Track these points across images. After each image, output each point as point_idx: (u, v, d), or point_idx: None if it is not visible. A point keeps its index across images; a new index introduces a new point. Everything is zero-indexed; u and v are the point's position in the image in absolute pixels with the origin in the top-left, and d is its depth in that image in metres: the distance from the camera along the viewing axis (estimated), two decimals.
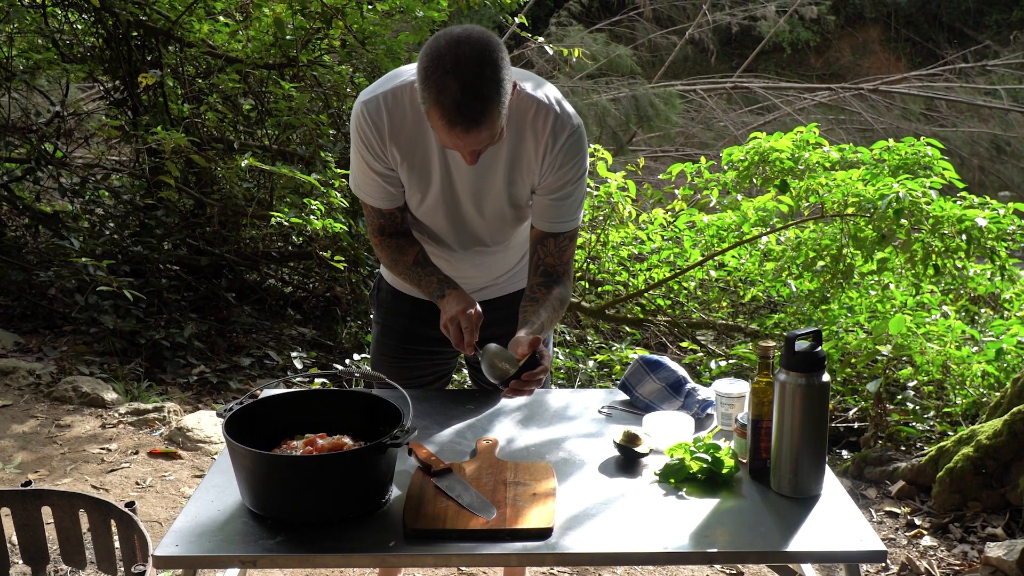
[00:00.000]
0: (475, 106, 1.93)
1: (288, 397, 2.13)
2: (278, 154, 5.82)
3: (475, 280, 2.52)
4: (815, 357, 1.91)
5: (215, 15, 6.15)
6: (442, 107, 1.93)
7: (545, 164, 2.23)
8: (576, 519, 1.88)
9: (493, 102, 1.95)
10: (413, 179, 2.28)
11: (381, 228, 2.39)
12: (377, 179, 2.28)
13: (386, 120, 2.19)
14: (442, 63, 1.92)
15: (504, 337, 2.62)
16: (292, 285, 6.44)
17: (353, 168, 2.32)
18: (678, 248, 5.93)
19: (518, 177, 2.27)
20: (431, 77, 1.94)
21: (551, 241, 2.33)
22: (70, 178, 6.07)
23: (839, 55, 19.21)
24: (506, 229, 2.41)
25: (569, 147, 2.21)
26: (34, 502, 2.67)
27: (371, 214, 2.38)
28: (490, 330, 2.61)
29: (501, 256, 2.50)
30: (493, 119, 1.97)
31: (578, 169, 2.25)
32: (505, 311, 2.59)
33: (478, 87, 1.92)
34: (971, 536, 3.45)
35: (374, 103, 2.20)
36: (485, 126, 1.97)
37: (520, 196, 2.31)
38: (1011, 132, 13.55)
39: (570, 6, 14.80)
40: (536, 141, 2.21)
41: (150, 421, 4.40)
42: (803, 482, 1.96)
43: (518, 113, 2.18)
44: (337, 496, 1.84)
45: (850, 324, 5.17)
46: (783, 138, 5.18)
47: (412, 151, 2.23)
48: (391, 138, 2.21)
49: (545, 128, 2.19)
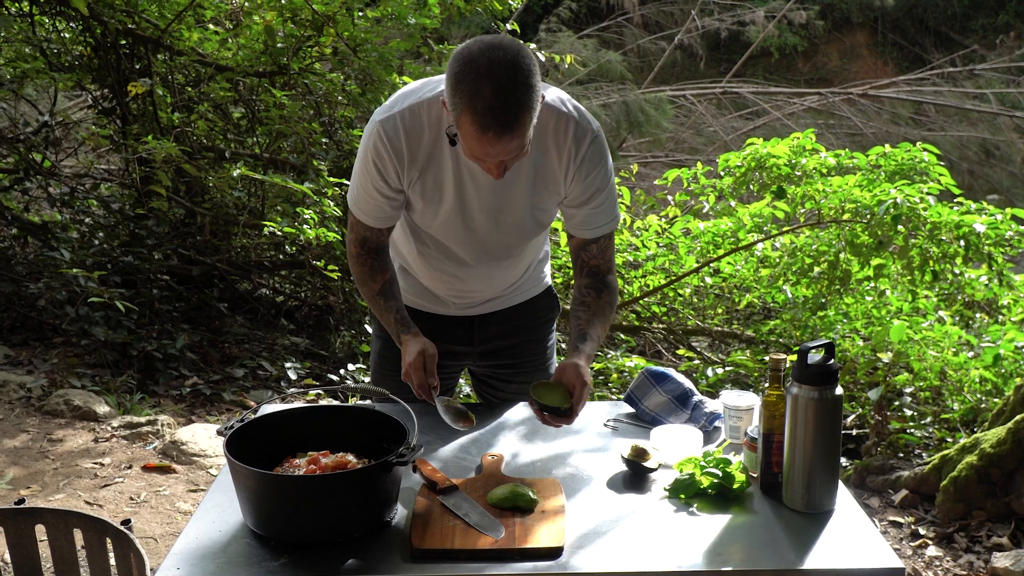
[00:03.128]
0: (509, 111, 1.90)
1: (289, 413, 2.08)
2: (269, 163, 5.77)
3: (482, 292, 2.49)
4: (828, 370, 1.88)
5: (205, 23, 6.10)
6: (474, 111, 1.89)
7: (570, 174, 2.21)
8: (586, 537, 1.84)
9: (526, 108, 1.92)
10: (426, 196, 2.24)
11: (364, 240, 2.36)
12: (380, 200, 2.25)
13: (403, 139, 2.16)
14: (476, 67, 1.89)
15: (511, 348, 2.60)
16: (284, 294, 6.39)
17: (356, 185, 2.28)
18: (673, 255, 5.91)
19: (543, 189, 2.24)
20: (464, 81, 1.90)
21: (592, 246, 2.34)
22: (59, 188, 6.01)
23: (827, 60, 19.28)
24: (523, 243, 2.38)
25: (592, 154, 2.20)
26: (27, 520, 2.62)
27: (358, 227, 2.34)
28: (495, 342, 2.59)
29: (510, 269, 2.47)
30: (524, 126, 1.94)
31: (604, 174, 2.24)
32: (510, 323, 2.57)
33: (512, 91, 1.89)
34: (976, 546, 3.43)
35: (391, 122, 2.16)
36: (517, 133, 1.94)
37: (546, 208, 2.29)
38: (999, 136, 13.60)
39: (559, 12, 14.79)
40: (559, 152, 2.18)
41: (143, 435, 4.34)
42: (816, 497, 1.92)
43: (539, 124, 2.13)
44: (342, 516, 1.80)
45: (847, 331, 5.15)
46: (780, 144, 5.16)
47: (428, 168, 2.20)
48: (409, 157, 2.17)
49: (567, 137, 2.17)
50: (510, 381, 2.67)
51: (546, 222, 2.35)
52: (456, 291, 2.48)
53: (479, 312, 2.55)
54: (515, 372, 2.65)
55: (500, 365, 2.65)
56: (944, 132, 13.38)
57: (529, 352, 2.62)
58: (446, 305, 2.54)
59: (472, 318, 2.56)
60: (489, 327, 2.58)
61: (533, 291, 2.60)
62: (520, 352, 2.61)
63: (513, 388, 2.66)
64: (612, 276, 2.40)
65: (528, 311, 2.60)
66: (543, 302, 2.64)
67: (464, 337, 2.58)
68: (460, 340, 2.57)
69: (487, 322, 2.57)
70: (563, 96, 2.21)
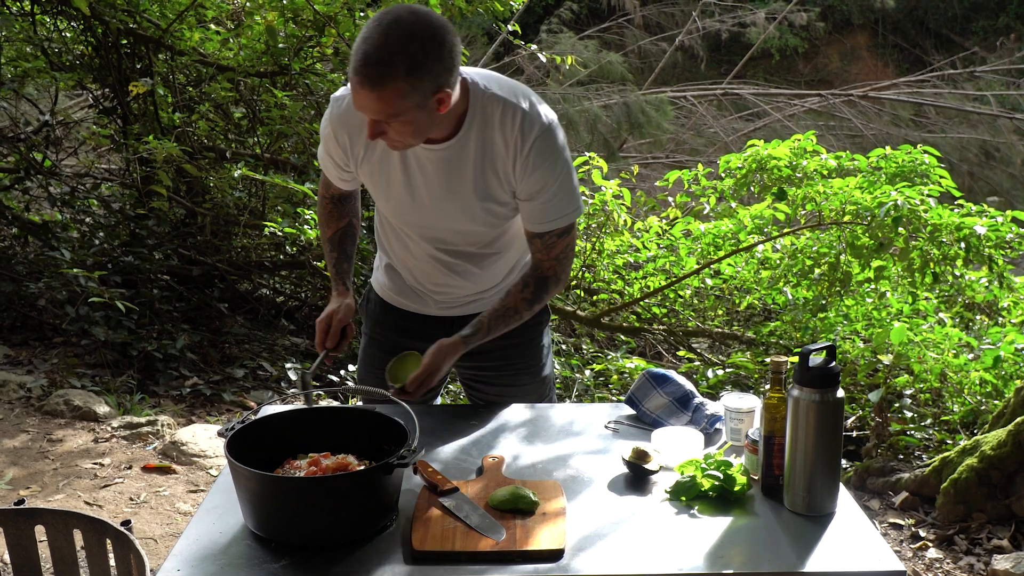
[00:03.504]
0: (380, 66, 1.91)
1: (290, 415, 2.08)
2: (270, 163, 5.77)
3: (459, 289, 2.48)
4: (829, 373, 1.88)
5: (206, 23, 6.10)
6: (355, 51, 1.94)
7: (518, 166, 2.19)
8: (588, 539, 1.84)
9: (399, 75, 1.92)
10: (374, 178, 2.30)
11: (327, 186, 2.50)
12: (332, 167, 2.38)
13: (349, 116, 2.23)
14: (380, 16, 1.94)
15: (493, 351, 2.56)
16: (285, 295, 6.39)
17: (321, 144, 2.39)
18: (674, 256, 5.90)
19: (493, 180, 2.22)
20: (366, 25, 1.95)
21: (538, 240, 2.31)
22: (59, 187, 6.00)
23: (827, 61, 19.28)
24: (478, 231, 2.35)
25: (540, 147, 2.16)
26: (27, 520, 2.62)
27: (326, 178, 2.47)
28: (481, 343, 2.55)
29: (494, 266, 2.45)
30: (392, 93, 1.94)
31: (553, 170, 2.19)
32: None
33: (393, 52, 1.91)
34: (977, 548, 3.43)
35: (345, 101, 2.24)
36: (382, 94, 1.94)
37: (497, 199, 2.26)
38: (999, 138, 13.59)
39: (560, 13, 14.78)
40: (505, 142, 2.17)
41: (143, 435, 4.34)
42: (817, 500, 1.92)
43: (484, 113, 2.15)
44: (343, 518, 1.80)
45: (847, 332, 5.15)
46: (781, 146, 5.16)
47: (372, 150, 2.25)
48: (349, 134, 2.25)
49: (513, 128, 2.15)
50: (492, 383, 2.66)
51: (502, 215, 2.31)
52: (435, 288, 2.49)
53: (460, 313, 2.53)
54: (497, 375, 2.63)
55: (482, 367, 2.63)
56: (944, 134, 13.37)
57: (513, 356, 2.58)
58: (427, 304, 2.54)
59: (453, 319, 2.54)
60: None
61: None
62: (504, 355, 2.58)
63: (496, 390, 2.65)
64: (551, 277, 2.34)
65: None
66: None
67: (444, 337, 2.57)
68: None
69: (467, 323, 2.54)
70: (520, 89, 2.21)
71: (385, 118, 2.00)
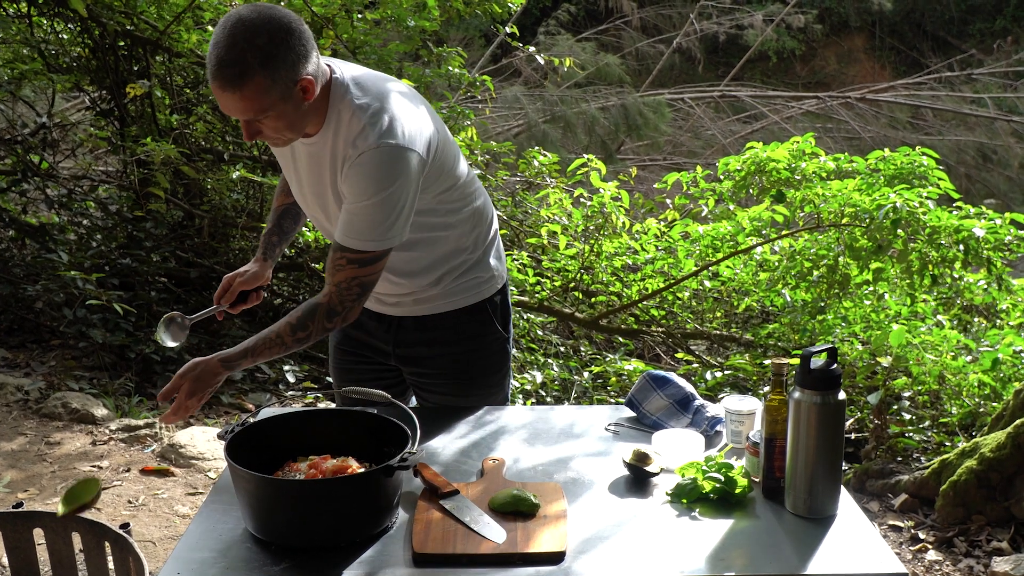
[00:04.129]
0: (233, 67, 1.93)
1: (290, 417, 2.08)
2: (268, 165, 5.77)
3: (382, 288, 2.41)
4: (831, 375, 1.87)
5: (204, 25, 6.09)
6: (209, 58, 1.95)
7: (342, 172, 2.13)
8: (589, 542, 1.84)
9: (253, 71, 1.94)
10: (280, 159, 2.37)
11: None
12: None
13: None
14: (227, 19, 1.96)
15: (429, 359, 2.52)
16: (282, 297, 6.38)
17: None
18: (672, 258, 5.90)
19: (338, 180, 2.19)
20: (215, 29, 1.96)
21: (331, 253, 2.17)
22: (57, 190, 5.99)
23: (824, 63, 19.30)
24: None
25: (361, 164, 2.06)
26: (26, 524, 2.61)
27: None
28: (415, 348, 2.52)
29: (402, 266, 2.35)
30: (251, 90, 1.95)
31: (364, 188, 2.07)
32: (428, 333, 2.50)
33: (242, 50, 1.92)
34: (976, 550, 3.42)
35: None
36: (242, 94, 1.96)
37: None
38: (997, 140, 13.61)
39: (558, 15, 14.79)
40: (345, 147, 2.11)
41: (141, 437, 4.33)
42: (819, 502, 1.92)
43: (339, 113, 2.12)
44: (344, 520, 1.79)
45: (845, 334, 5.15)
46: (779, 148, 5.16)
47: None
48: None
49: (349, 135, 2.10)
50: (430, 391, 2.58)
51: None
52: None
53: (392, 312, 2.50)
54: (433, 382, 2.56)
55: (421, 373, 2.56)
56: (941, 136, 13.39)
57: (450, 364, 2.51)
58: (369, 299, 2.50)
59: (390, 318, 2.51)
60: (406, 332, 2.51)
61: (457, 303, 2.46)
62: (441, 363, 2.52)
63: (436, 399, 2.57)
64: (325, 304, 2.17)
65: (450, 323, 2.47)
66: (467, 317, 2.48)
67: (382, 335, 2.54)
68: (379, 337, 2.55)
69: (404, 326, 2.50)
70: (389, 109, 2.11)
71: (255, 115, 2.01)
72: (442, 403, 2.57)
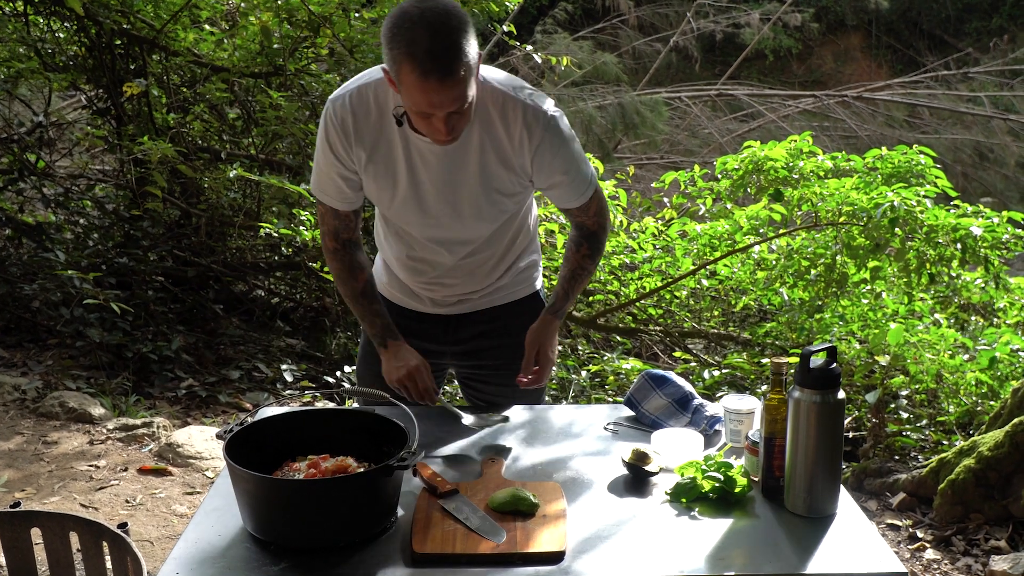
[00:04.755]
0: (448, 52, 1.92)
1: (289, 416, 2.07)
2: (265, 164, 5.76)
3: (455, 288, 2.48)
4: (830, 374, 1.87)
5: (200, 24, 6.08)
6: (414, 58, 1.91)
7: (529, 160, 2.22)
8: (588, 541, 1.83)
9: (463, 53, 1.94)
10: (379, 179, 2.26)
11: (336, 232, 2.39)
12: (338, 180, 2.29)
13: (351, 118, 2.19)
14: (409, 17, 1.92)
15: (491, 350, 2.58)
16: (280, 296, 6.37)
17: (315, 169, 2.33)
18: (670, 257, 5.90)
19: (499, 169, 2.23)
20: (399, 32, 1.93)
21: (575, 209, 2.40)
22: (53, 189, 5.98)
23: (821, 62, 19.30)
24: (482, 226, 2.36)
25: (549, 139, 2.21)
26: (23, 523, 2.60)
27: (328, 215, 2.38)
28: (474, 342, 2.58)
29: (487, 265, 2.45)
30: (464, 74, 1.95)
31: (565, 155, 2.25)
32: (490, 325, 2.56)
33: (447, 34, 1.92)
34: (974, 549, 3.43)
35: (340, 101, 2.20)
36: (459, 79, 1.94)
37: (503, 189, 2.28)
38: (993, 139, 13.61)
39: (555, 14, 14.77)
40: (509, 135, 2.18)
41: (139, 437, 4.32)
42: (818, 501, 1.92)
43: (485, 105, 2.16)
44: (343, 520, 1.79)
45: (843, 333, 5.15)
46: (777, 147, 5.15)
47: (376, 149, 2.22)
48: (356, 136, 2.21)
49: (516, 122, 2.17)
50: (488, 382, 2.65)
51: (508, 207, 2.34)
52: (428, 285, 2.48)
53: (456, 312, 2.54)
54: (494, 374, 2.62)
55: (481, 366, 2.63)
56: (938, 135, 13.39)
57: (512, 355, 2.55)
58: (422, 302, 2.54)
59: (449, 317, 2.55)
60: (468, 327, 2.56)
61: (517, 294, 2.58)
62: (500, 354, 2.57)
63: (492, 390, 2.64)
64: (598, 229, 2.46)
65: (511, 313, 2.57)
66: (528, 305, 2.59)
67: (441, 336, 2.57)
68: (436, 339, 2.57)
69: (464, 322, 2.56)
70: (515, 82, 2.22)
71: (464, 103, 2.01)
72: (496, 395, 2.62)
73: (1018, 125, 13.53)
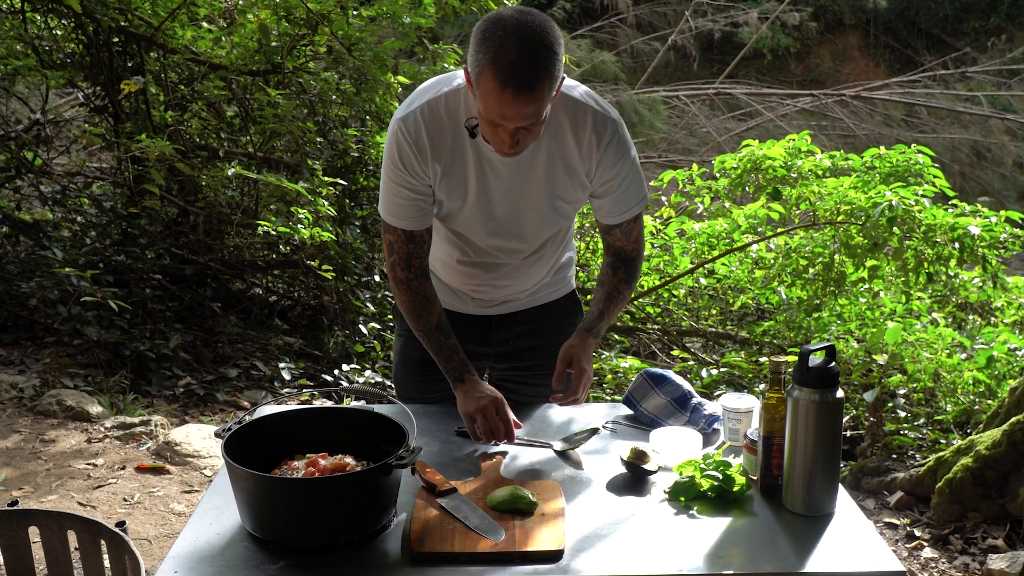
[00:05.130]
0: (532, 70, 1.91)
1: (287, 415, 2.07)
2: (263, 162, 5.75)
3: (505, 289, 2.48)
4: (829, 373, 1.87)
5: (198, 21, 6.07)
6: (497, 66, 1.90)
7: (594, 164, 2.23)
8: (587, 540, 1.83)
9: (548, 72, 1.94)
10: (451, 191, 2.24)
11: (408, 259, 2.29)
12: (414, 198, 2.22)
13: (425, 134, 2.16)
14: (504, 24, 1.92)
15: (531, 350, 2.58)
16: (278, 294, 6.36)
17: (385, 192, 2.25)
18: (668, 256, 5.90)
19: (565, 177, 2.24)
20: (490, 37, 1.92)
21: (616, 231, 2.39)
22: (51, 186, 5.97)
23: (819, 61, 19.29)
24: (543, 232, 2.37)
25: (615, 144, 2.21)
26: (21, 522, 2.60)
27: (399, 241, 2.28)
28: (515, 343, 2.58)
29: (536, 265, 2.46)
30: (544, 91, 1.95)
31: (627, 162, 2.26)
32: (531, 325, 2.56)
33: (536, 51, 1.92)
34: (972, 547, 3.43)
35: (412, 118, 2.16)
36: (536, 96, 1.94)
37: (568, 200, 2.29)
38: (991, 138, 13.64)
39: (553, 12, 14.77)
40: (578, 141, 2.19)
41: (137, 435, 4.32)
42: (816, 500, 1.92)
43: (556, 112, 2.15)
44: (341, 519, 1.79)
45: (841, 332, 5.15)
46: (775, 146, 5.16)
47: (451, 162, 2.20)
48: (432, 151, 2.17)
49: (585, 129, 2.18)
50: (526, 383, 2.64)
51: (569, 214, 2.36)
52: (478, 287, 2.47)
53: (498, 312, 2.54)
54: (533, 375, 2.62)
55: (519, 367, 2.63)
56: (936, 134, 13.41)
57: (549, 355, 2.51)
58: (465, 303, 2.53)
59: (491, 318, 2.55)
60: (509, 328, 2.57)
61: (556, 293, 2.59)
62: (540, 355, 2.57)
63: (529, 391, 2.62)
64: (636, 256, 2.44)
65: (550, 313, 2.58)
66: (566, 305, 2.62)
67: (482, 337, 2.57)
68: (477, 340, 2.55)
69: (506, 323, 2.56)
70: (582, 87, 2.22)
71: (538, 119, 2.00)
72: (530, 396, 2.60)
73: (1016, 124, 13.55)
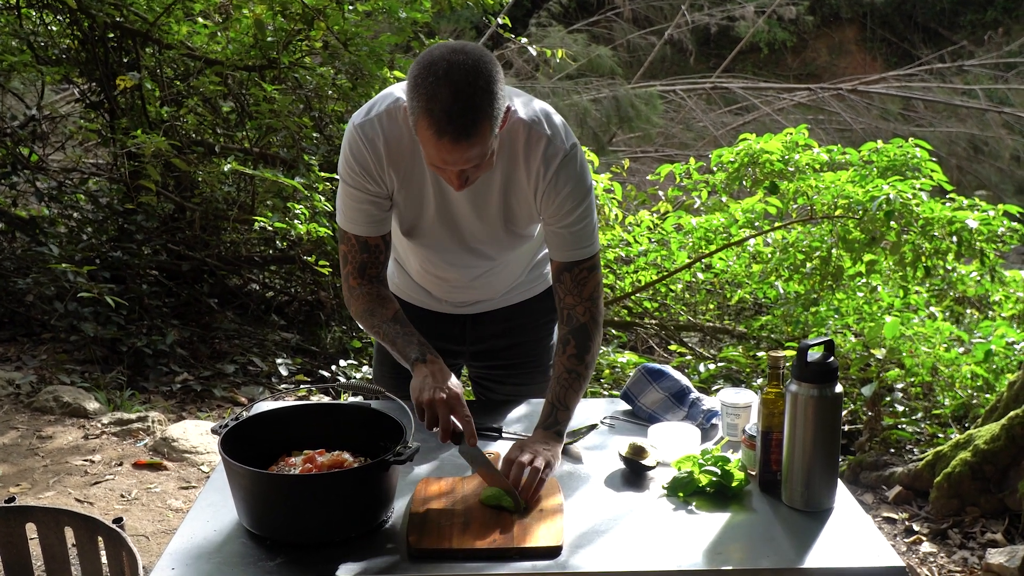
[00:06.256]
0: (467, 116, 1.83)
1: (284, 411, 2.06)
2: (259, 157, 5.74)
3: (479, 291, 2.45)
4: (828, 368, 1.87)
5: (194, 16, 6.05)
6: (431, 115, 1.84)
7: (539, 193, 2.12)
8: (586, 536, 1.83)
9: (485, 115, 1.85)
10: (410, 201, 2.18)
11: (362, 268, 2.23)
12: (367, 204, 2.16)
13: (382, 142, 2.10)
14: (435, 70, 1.84)
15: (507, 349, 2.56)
16: (275, 290, 6.36)
17: (342, 198, 2.19)
18: (665, 250, 5.89)
19: (514, 204, 2.17)
20: (422, 84, 1.85)
21: (567, 276, 2.19)
22: (47, 182, 5.96)
23: (815, 55, 19.30)
24: (503, 253, 2.30)
25: (563, 173, 2.08)
26: (18, 518, 2.59)
27: (353, 251, 2.22)
28: (490, 342, 2.56)
29: (508, 268, 2.41)
30: (484, 134, 1.87)
31: (577, 193, 2.11)
32: (506, 324, 2.53)
33: (470, 95, 1.83)
34: (970, 542, 3.43)
35: (369, 125, 2.10)
36: (475, 141, 1.86)
37: (518, 224, 2.21)
38: (988, 132, 13.64)
39: (550, 7, 14.77)
40: (528, 168, 2.10)
41: (134, 431, 4.31)
42: (815, 495, 1.92)
43: (510, 138, 2.08)
44: (339, 515, 1.78)
45: (838, 326, 5.15)
46: (773, 140, 5.15)
47: (410, 172, 2.14)
48: (388, 160, 2.11)
49: (536, 155, 2.08)
50: (503, 383, 2.63)
51: (524, 235, 2.26)
52: (450, 291, 2.44)
53: (473, 311, 2.51)
54: (509, 373, 2.60)
55: (495, 366, 2.61)
56: (933, 128, 13.41)
57: (526, 353, 2.56)
58: (439, 303, 2.50)
59: (465, 317, 2.52)
60: (483, 327, 2.53)
61: (532, 291, 2.53)
62: (516, 353, 2.56)
63: (507, 390, 2.61)
64: (588, 321, 2.19)
65: (525, 311, 2.53)
66: (542, 303, 2.54)
67: (457, 336, 2.54)
68: (452, 339, 2.53)
69: (481, 321, 2.52)
70: (544, 110, 2.12)
71: (480, 161, 1.93)
72: (508, 395, 2.58)
73: (1013, 118, 13.55)
